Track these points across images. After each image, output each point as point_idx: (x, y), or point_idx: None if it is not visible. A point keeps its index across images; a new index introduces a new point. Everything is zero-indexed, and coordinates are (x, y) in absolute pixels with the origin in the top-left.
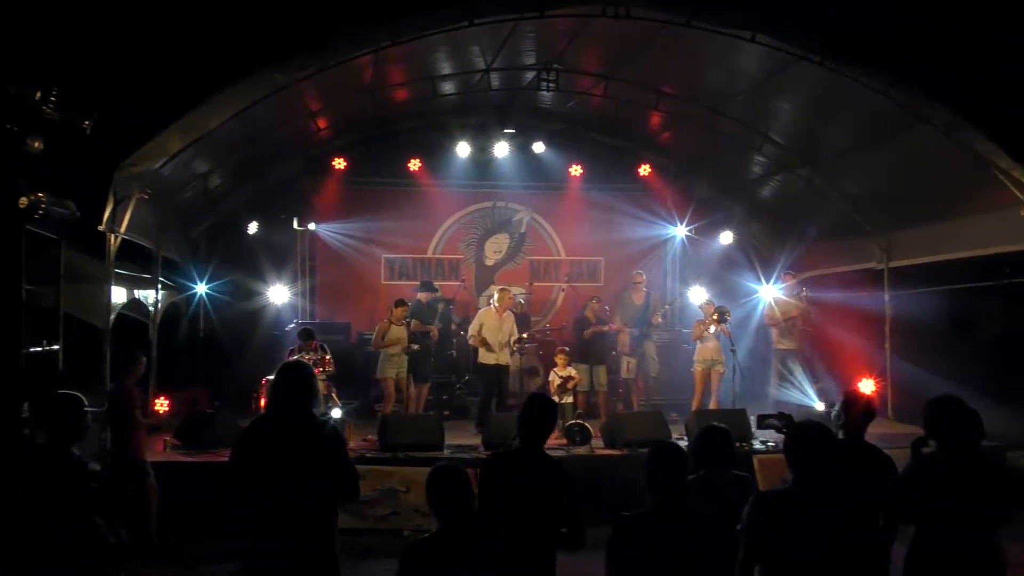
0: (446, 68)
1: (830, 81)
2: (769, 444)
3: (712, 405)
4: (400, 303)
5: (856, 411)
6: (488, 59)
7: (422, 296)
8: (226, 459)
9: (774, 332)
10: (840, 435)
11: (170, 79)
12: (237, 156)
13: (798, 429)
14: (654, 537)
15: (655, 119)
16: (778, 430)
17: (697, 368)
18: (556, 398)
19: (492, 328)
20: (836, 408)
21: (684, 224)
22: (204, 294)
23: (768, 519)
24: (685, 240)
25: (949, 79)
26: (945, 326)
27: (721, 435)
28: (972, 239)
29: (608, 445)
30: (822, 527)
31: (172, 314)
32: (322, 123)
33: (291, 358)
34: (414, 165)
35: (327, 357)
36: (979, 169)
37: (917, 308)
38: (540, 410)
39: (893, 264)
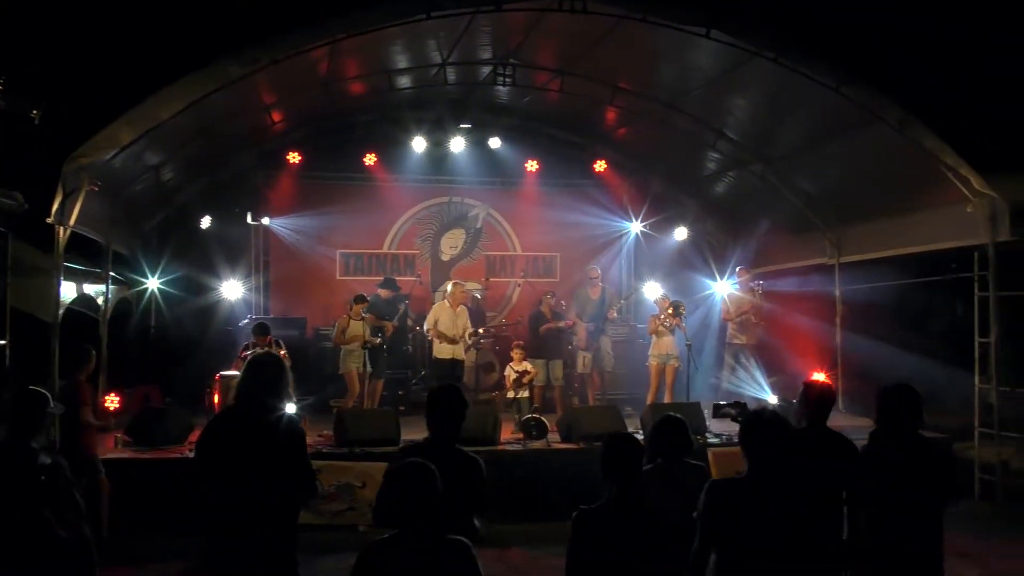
0: (402, 62)
1: (783, 78)
2: (724, 437)
3: (667, 399)
4: (359, 299)
5: (813, 398)
6: (444, 53)
7: (383, 292)
8: (178, 456)
9: (729, 327)
10: (802, 424)
11: (121, 69)
12: (190, 148)
13: (753, 417)
14: (612, 529)
15: (611, 115)
16: (733, 419)
17: (652, 362)
18: (512, 393)
19: (446, 322)
20: (797, 397)
21: (639, 220)
22: (156, 289)
23: (723, 506)
24: (640, 236)
25: (900, 77)
26: (894, 320)
27: (677, 424)
28: (920, 235)
29: (564, 439)
30: (777, 514)
31: (123, 310)
32: (276, 116)
33: (245, 354)
34: (370, 159)
35: (282, 352)
36: (928, 166)
37: (867, 302)
38: (449, 404)
39: (844, 259)
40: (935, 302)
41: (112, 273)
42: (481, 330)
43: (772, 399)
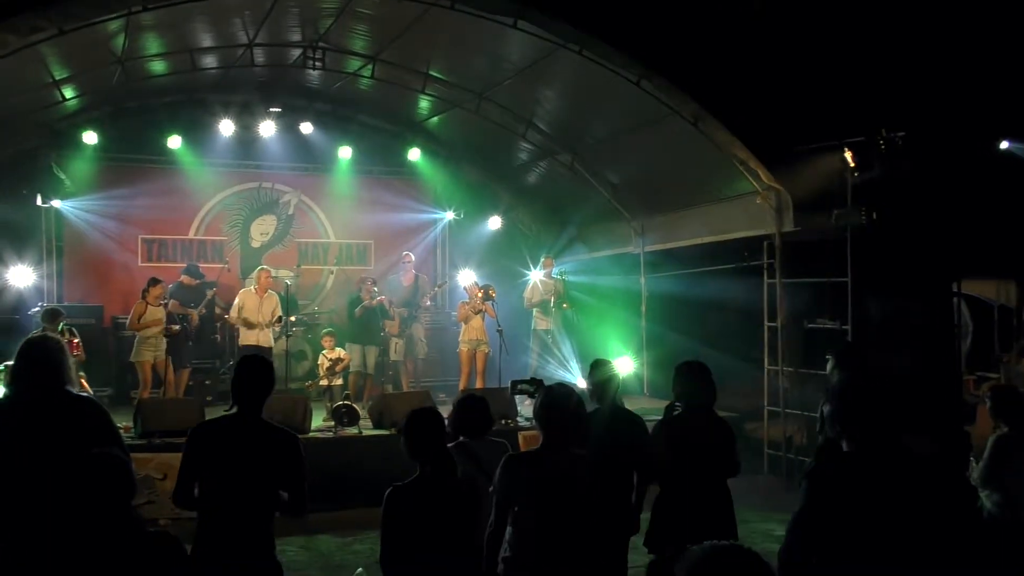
0: (206, 40)
1: (589, 71)
2: (533, 423)
3: (479, 384)
4: (154, 281)
5: (599, 375)
6: (251, 33)
7: (186, 279)
8: None
9: (534, 313)
10: (594, 401)
11: None
12: None
13: (547, 391)
14: (424, 503)
15: (423, 103)
16: (530, 395)
17: (463, 348)
18: (326, 381)
19: (252, 309)
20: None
21: (453, 208)
22: None
23: (518, 479)
24: (454, 224)
25: (696, 72)
26: (693, 306)
27: (477, 402)
28: (717, 225)
29: (376, 426)
30: (569, 485)
31: None
32: (68, 92)
33: None
34: (174, 142)
35: (75, 341)
36: (722, 159)
37: (669, 290)
38: (251, 371)
39: (648, 248)
40: (730, 288)
41: None
42: (293, 318)
43: (580, 382)
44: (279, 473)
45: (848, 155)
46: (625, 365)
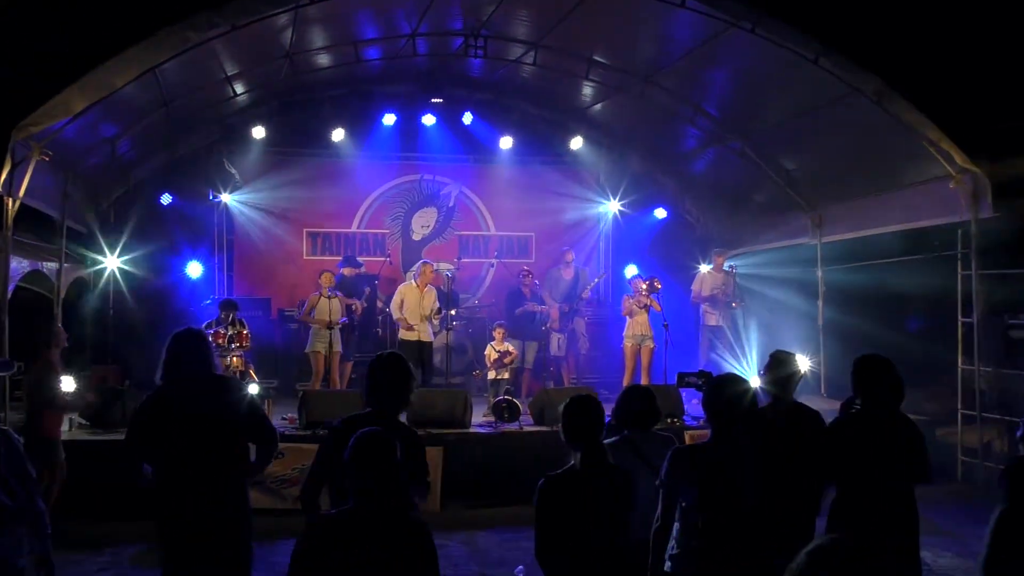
0: (370, 32)
1: (762, 50)
2: (702, 420)
3: (643, 382)
4: (326, 271)
5: (778, 369)
6: (413, 23)
7: (346, 271)
8: None
9: (703, 308)
10: (769, 395)
11: (74, 35)
12: (148, 121)
13: (715, 381)
14: (578, 494)
15: (586, 89)
16: (698, 388)
17: (627, 344)
18: (493, 373)
19: (412, 303)
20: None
21: (617, 199)
22: (115, 268)
23: (685, 472)
24: (618, 215)
25: (879, 48)
26: (877, 300)
27: (642, 394)
28: (904, 212)
29: (537, 422)
30: (739, 479)
31: (79, 288)
32: (239, 88)
33: (210, 331)
34: (337, 135)
35: (244, 332)
36: (910, 141)
37: (850, 283)
38: (388, 374)
39: (826, 239)
40: (919, 282)
41: (68, 251)
42: (453, 311)
43: (755, 380)
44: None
45: None
46: (801, 363)
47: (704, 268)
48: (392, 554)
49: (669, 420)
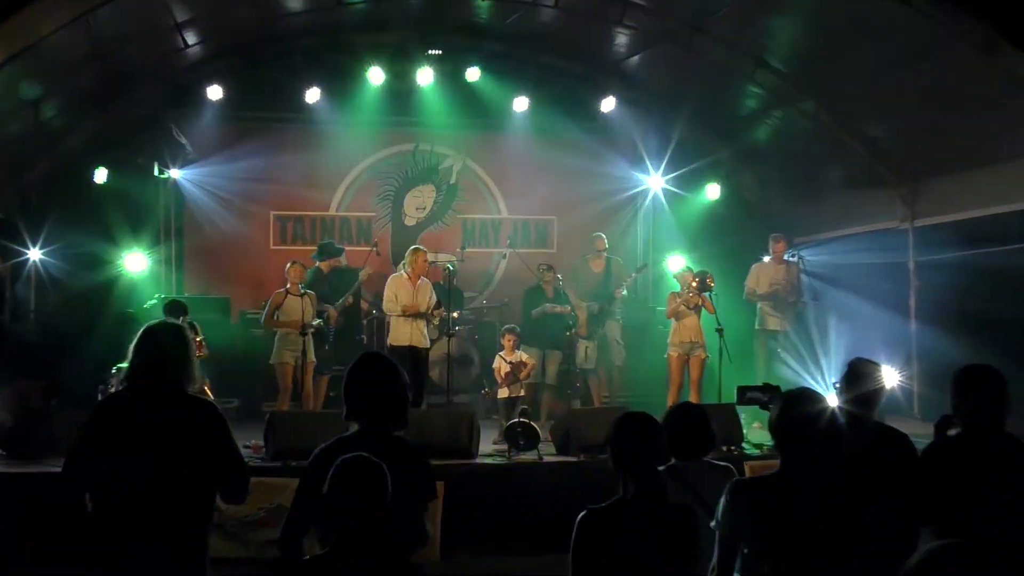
0: None
1: None
2: (766, 448)
3: (693, 399)
4: (296, 263)
5: (858, 383)
6: None
7: (322, 265)
8: None
9: (760, 309)
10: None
11: None
12: (81, 80)
13: (785, 398)
14: (626, 532)
15: (621, 38)
16: (763, 405)
17: (672, 354)
18: (505, 390)
19: (405, 301)
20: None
21: (659, 173)
22: (37, 261)
23: (748, 512)
24: (661, 194)
25: None
26: (985, 299)
27: (693, 413)
28: (1017, 189)
29: (561, 451)
30: (817, 517)
31: None
32: (191, 38)
33: None
34: (312, 96)
35: (198, 339)
36: None
37: (950, 277)
38: (372, 378)
39: (920, 222)
40: None
41: None
42: (456, 314)
43: (831, 399)
44: (410, 511)
45: None
46: (888, 376)
47: (764, 260)
48: None
49: (726, 447)
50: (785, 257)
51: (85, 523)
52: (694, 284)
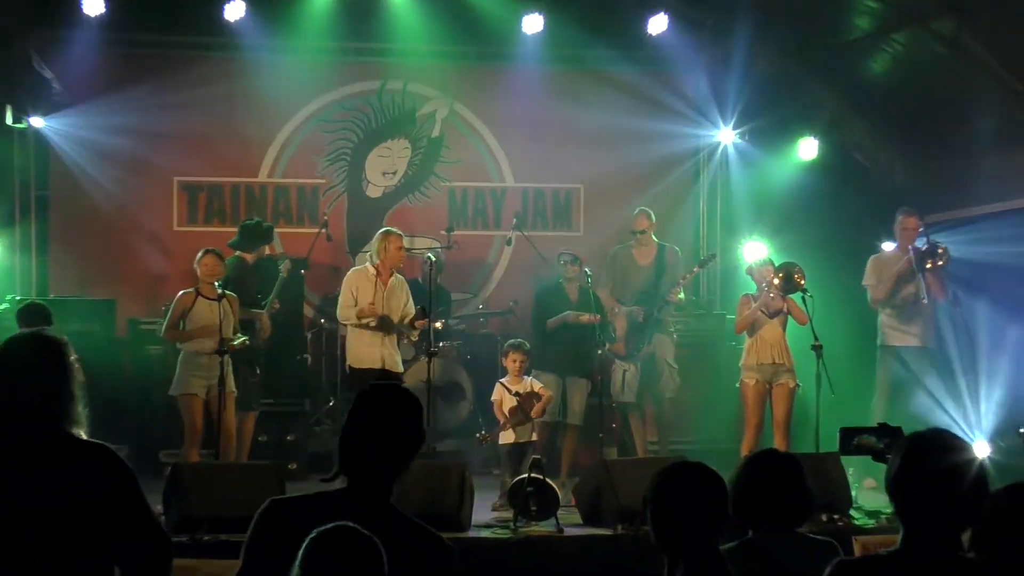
0: None
1: None
2: (882, 518)
3: (779, 445)
4: (210, 251)
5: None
6: None
7: (246, 255)
8: None
9: (881, 317)
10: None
11: None
12: None
13: (911, 445)
14: None
15: None
16: (878, 455)
17: (747, 381)
18: (510, 433)
19: (365, 303)
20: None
21: (730, 124)
22: None
23: None
24: (733, 153)
25: None
26: None
27: (780, 467)
28: None
29: (589, 520)
30: None
31: None
32: None
33: None
34: (234, 12)
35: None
36: None
37: None
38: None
39: None
40: None
41: None
42: (439, 324)
43: (982, 446)
44: None
45: None
46: None
47: (886, 248)
48: None
49: (826, 515)
50: (917, 243)
51: None
52: (776, 282)
